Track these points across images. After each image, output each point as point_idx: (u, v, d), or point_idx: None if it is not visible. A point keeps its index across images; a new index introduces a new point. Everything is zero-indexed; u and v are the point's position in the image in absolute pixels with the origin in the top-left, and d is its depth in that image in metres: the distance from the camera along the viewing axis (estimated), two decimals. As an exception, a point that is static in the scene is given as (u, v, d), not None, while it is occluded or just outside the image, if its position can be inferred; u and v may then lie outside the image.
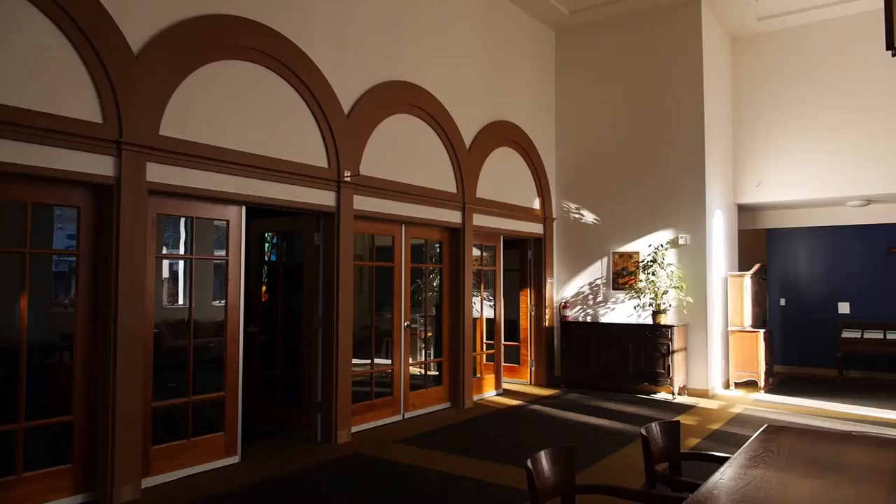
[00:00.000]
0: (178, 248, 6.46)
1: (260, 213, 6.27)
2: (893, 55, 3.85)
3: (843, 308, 10.20)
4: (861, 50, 8.70)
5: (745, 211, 10.29)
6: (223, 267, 5.48)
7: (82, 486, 4.41)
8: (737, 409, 7.61)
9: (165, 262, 6.84)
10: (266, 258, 7.14)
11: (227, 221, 5.44)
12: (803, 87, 9.28)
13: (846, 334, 9.65)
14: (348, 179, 6.20)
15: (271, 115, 5.59)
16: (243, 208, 5.52)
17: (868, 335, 9.52)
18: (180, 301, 6.55)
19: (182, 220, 5.56)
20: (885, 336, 9.38)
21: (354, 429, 6.32)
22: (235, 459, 5.40)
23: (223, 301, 5.45)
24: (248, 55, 5.37)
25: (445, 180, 7.59)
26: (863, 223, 9.84)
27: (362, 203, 6.42)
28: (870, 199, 9.34)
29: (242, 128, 5.33)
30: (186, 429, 5.08)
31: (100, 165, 4.38)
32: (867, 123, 8.81)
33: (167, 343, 5.75)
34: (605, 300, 9.24)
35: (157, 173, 4.69)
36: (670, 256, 8.67)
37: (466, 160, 7.86)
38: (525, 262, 9.62)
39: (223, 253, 5.49)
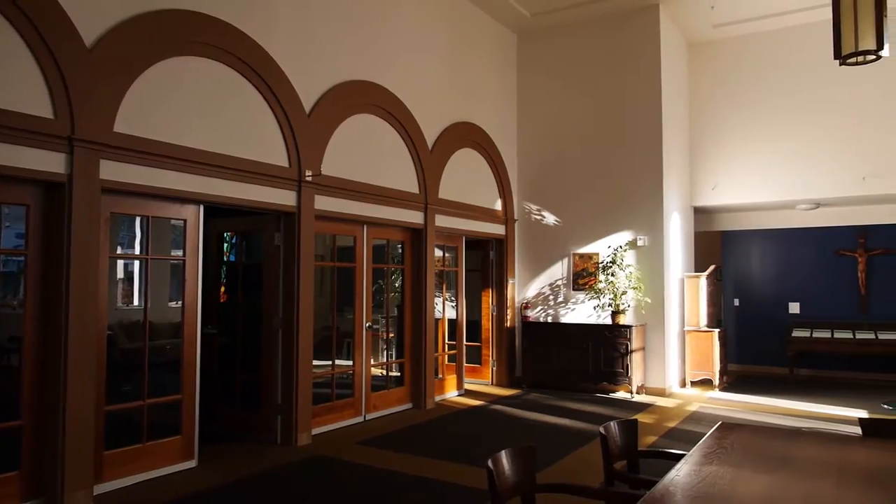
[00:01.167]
0: (133, 247, 6.31)
1: (218, 212, 6.16)
2: (841, 64, 4.00)
3: (794, 308, 10.53)
4: (811, 58, 8.99)
5: (700, 213, 10.53)
6: (180, 267, 5.37)
7: (31, 493, 4.26)
8: (692, 407, 7.78)
9: (120, 263, 6.66)
10: (225, 258, 7.02)
11: (185, 221, 5.33)
12: (757, 93, 9.55)
13: (796, 334, 9.97)
14: (309, 179, 6.14)
15: (230, 113, 5.50)
16: (201, 207, 5.42)
17: (817, 335, 9.85)
18: (135, 302, 6.39)
19: (137, 220, 5.43)
20: (832, 335, 9.72)
21: (315, 431, 6.26)
22: (192, 464, 5.29)
23: (180, 302, 5.33)
24: (208, 52, 5.27)
25: (408, 181, 7.58)
26: (812, 226, 10.18)
27: (323, 203, 6.37)
28: (819, 202, 9.67)
29: (200, 125, 5.23)
30: (141, 433, 4.96)
31: (50, 162, 4.24)
32: (816, 130, 9.11)
33: (121, 345, 5.60)
34: (566, 301, 9.35)
35: (112, 171, 4.56)
36: (629, 258, 8.82)
37: (429, 161, 7.87)
38: (487, 262, 9.67)
39: (180, 253, 5.38)
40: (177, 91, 5.05)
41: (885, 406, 6.03)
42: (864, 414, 7.03)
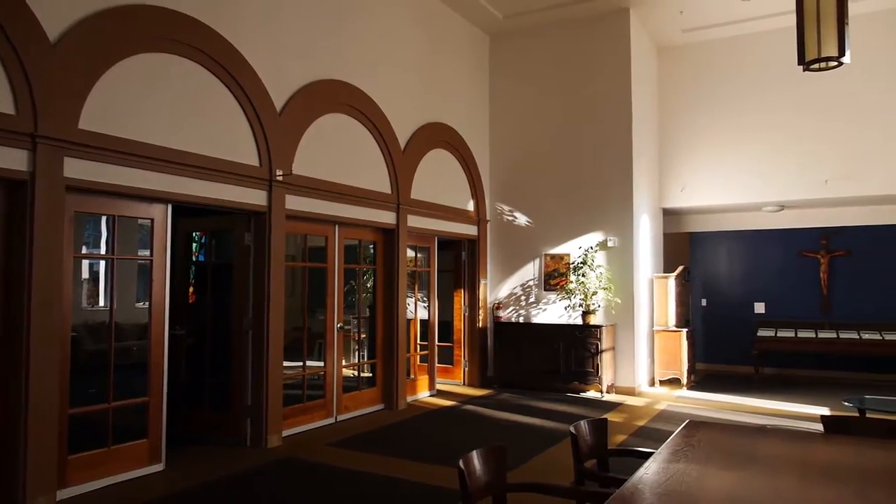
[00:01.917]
0: (98, 247, 6.18)
1: (187, 211, 6.07)
2: (805, 70, 4.10)
3: (759, 308, 10.75)
4: (777, 64, 9.19)
5: (669, 215, 10.69)
6: (147, 267, 5.27)
7: (-10, 500, 4.15)
8: (661, 406, 7.89)
9: (85, 263, 6.52)
10: (194, 258, 6.92)
11: (152, 220, 5.23)
12: (724, 97, 9.73)
13: (761, 333, 10.19)
14: (280, 178, 6.08)
15: (199, 111, 5.42)
16: (169, 207, 5.33)
17: (781, 334, 10.07)
18: (101, 303, 6.26)
19: (103, 219, 5.32)
20: (796, 335, 9.96)
21: (286, 433, 6.20)
22: (160, 467, 5.20)
23: (147, 303, 5.24)
24: (177, 49, 5.19)
25: (380, 181, 7.55)
26: (777, 228, 10.41)
27: (295, 203, 6.31)
28: (783, 204, 9.89)
29: (168, 123, 5.15)
30: (106, 436, 4.86)
31: (12, 160, 4.13)
32: (781, 133, 9.32)
33: (86, 347, 5.49)
34: (538, 301, 9.41)
35: (76, 169, 4.46)
36: (599, 258, 8.91)
37: (401, 161, 7.85)
38: (459, 263, 9.68)
39: (147, 253, 5.28)
40: (144, 88, 4.96)
41: (846, 403, 6.19)
42: (826, 411, 7.21)
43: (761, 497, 2.30)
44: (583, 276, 8.69)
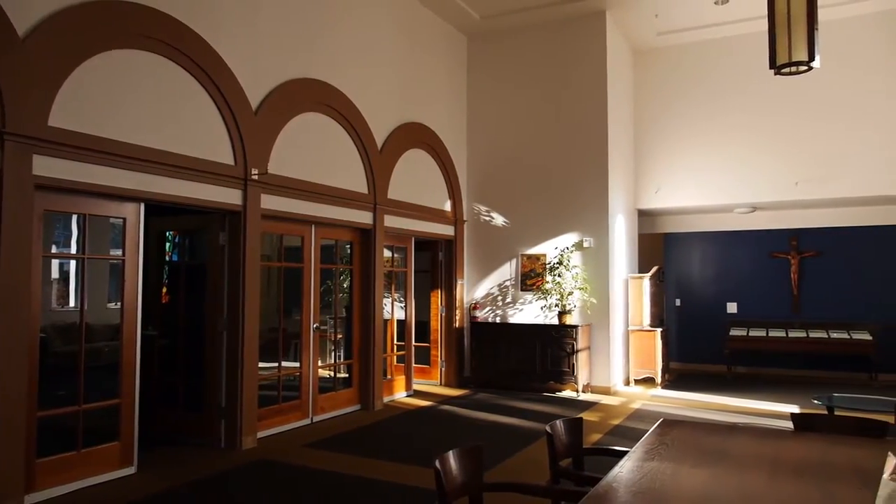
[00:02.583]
0: (69, 246, 6.07)
1: (160, 210, 5.98)
2: (776, 74, 4.17)
3: (732, 308, 10.92)
4: (749, 67, 9.34)
5: (644, 216, 10.80)
6: (119, 267, 5.19)
7: (-45, 505, 4.05)
8: (636, 405, 7.97)
9: (55, 262, 6.40)
10: (167, 258, 6.82)
11: (124, 219, 5.15)
12: (697, 100, 9.87)
13: (734, 332, 10.35)
14: (256, 178, 6.03)
15: (173, 108, 5.35)
16: (142, 205, 5.25)
17: (753, 333, 10.25)
18: (71, 303, 6.16)
19: (74, 217, 5.22)
20: (767, 334, 10.13)
21: (261, 434, 6.15)
22: (132, 470, 5.12)
23: (119, 303, 5.15)
24: (150, 45, 5.11)
25: (357, 181, 7.52)
26: (749, 229, 10.59)
27: (270, 202, 6.26)
28: (755, 206, 10.06)
29: (142, 120, 5.07)
30: (76, 439, 4.77)
31: (-21, 157, 4.04)
32: (752, 136, 9.48)
33: (55, 348, 5.39)
34: (514, 301, 9.45)
35: (46, 167, 4.38)
36: (575, 259, 8.98)
37: (378, 161, 7.83)
38: (436, 263, 9.68)
39: (119, 252, 5.20)
40: (116, 84, 4.88)
41: (816, 401, 6.31)
42: (796, 409, 7.34)
43: (732, 493, 2.34)
44: (559, 276, 8.74)
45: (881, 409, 5.84)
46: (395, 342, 8.69)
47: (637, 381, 9.40)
